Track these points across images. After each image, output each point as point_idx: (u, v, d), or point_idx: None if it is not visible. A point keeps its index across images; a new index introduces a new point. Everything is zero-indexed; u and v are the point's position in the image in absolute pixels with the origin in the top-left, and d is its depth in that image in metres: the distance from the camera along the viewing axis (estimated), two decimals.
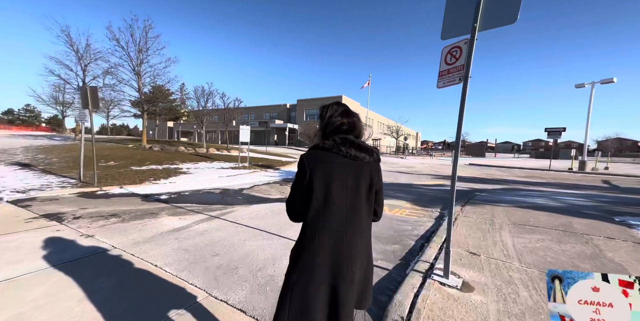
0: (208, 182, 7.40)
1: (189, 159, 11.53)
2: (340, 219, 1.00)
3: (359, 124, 1.11)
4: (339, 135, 1.05)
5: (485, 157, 37.84)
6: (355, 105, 39.56)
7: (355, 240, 1.02)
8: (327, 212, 1.00)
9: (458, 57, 2.04)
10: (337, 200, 1.00)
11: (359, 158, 1.03)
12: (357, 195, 1.03)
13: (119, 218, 3.77)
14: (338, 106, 1.12)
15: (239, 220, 3.96)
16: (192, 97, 18.28)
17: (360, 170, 1.03)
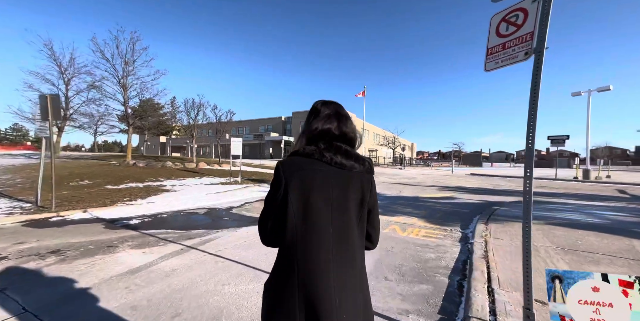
0: (193, 200, 6.56)
1: (176, 175, 10.67)
2: (325, 244, 0.77)
3: (351, 128, 0.91)
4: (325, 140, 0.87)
5: (482, 167, 37.69)
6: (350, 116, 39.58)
7: (346, 276, 0.78)
8: (307, 234, 0.78)
9: (521, 24, 1.43)
10: (319, 218, 0.79)
11: (347, 167, 0.84)
12: (345, 212, 0.81)
13: (61, 256, 2.90)
14: (327, 105, 0.93)
15: (222, 250, 3.15)
16: (182, 110, 17.71)
17: (348, 180, 0.83)
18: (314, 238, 0.78)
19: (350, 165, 0.83)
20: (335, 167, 0.83)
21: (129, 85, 13.32)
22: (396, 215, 5.32)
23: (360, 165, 0.85)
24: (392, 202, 7.04)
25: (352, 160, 0.84)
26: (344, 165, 0.83)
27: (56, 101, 4.61)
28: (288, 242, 0.78)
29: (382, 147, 42.04)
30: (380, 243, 3.53)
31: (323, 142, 0.86)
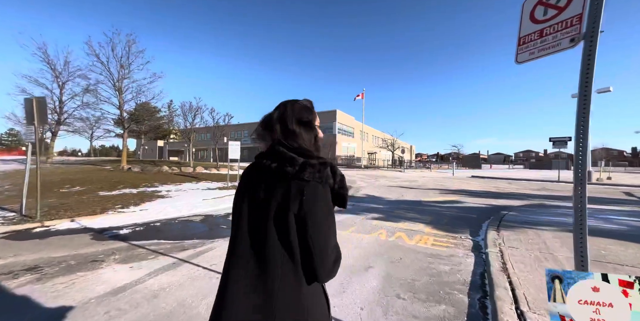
0: (188, 207, 6.29)
1: (172, 180, 10.37)
2: (237, 250, 0.74)
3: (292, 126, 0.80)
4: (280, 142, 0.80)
5: (482, 169, 37.60)
6: (349, 119, 39.55)
7: (251, 292, 0.69)
8: (234, 237, 0.76)
9: (564, 6, 1.21)
10: (239, 222, 0.76)
11: (275, 170, 0.74)
12: (264, 219, 0.71)
13: (37, 274, 2.62)
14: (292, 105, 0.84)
15: (217, 264, 2.89)
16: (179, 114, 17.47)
17: (274, 183, 0.73)
18: (231, 243, 0.75)
19: (281, 168, 0.74)
20: (265, 170, 0.77)
21: (125, 89, 13.09)
22: (401, 221, 5.08)
23: (298, 171, 0.73)
24: (395, 206, 6.80)
25: (287, 164, 0.74)
26: (270, 168, 0.76)
27: (42, 104, 4.37)
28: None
29: (381, 150, 41.91)
30: (388, 252, 3.29)
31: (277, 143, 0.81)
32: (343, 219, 5.29)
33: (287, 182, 0.72)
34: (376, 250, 3.38)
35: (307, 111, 0.86)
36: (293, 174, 0.72)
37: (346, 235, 4.14)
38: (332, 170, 0.76)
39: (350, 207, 6.65)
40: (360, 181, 13.75)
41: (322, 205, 0.71)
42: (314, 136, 0.86)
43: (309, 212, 0.69)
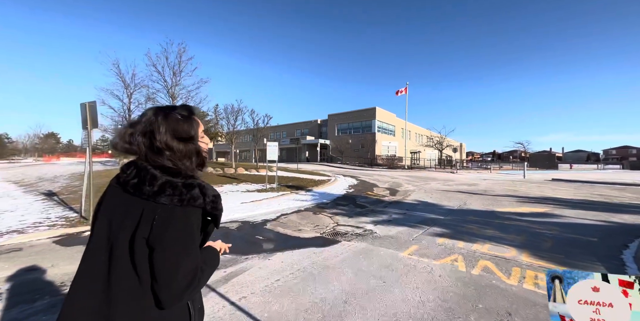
0: (226, 211, 5.96)
1: (215, 181, 10.63)
2: (84, 278, 0.69)
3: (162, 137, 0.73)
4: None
5: (559, 170, 31.25)
6: (390, 116, 37.34)
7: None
8: (85, 252, 0.71)
9: None
10: (94, 235, 0.72)
11: (130, 189, 0.70)
12: (114, 236, 0.68)
13: (59, 297, 2.34)
14: (165, 116, 0.75)
15: (247, 296, 2.29)
16: (223, 117, 18.31)
17: (129, 202, 0.70)
18: (82, 258, 0.71)
19: (136, 185, 0.69)
20: (125, 185, 0.71)
21: (177, 95, 14.08)
22: (478, 241, 3.90)
23: (150, 188, 0.68)
24: (460, 217, 5.50)
25: (143, 181, 0.69)
26: (126, 187, 0.71)
27: (93, 109, 4.49)
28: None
29: (425, 149, 38.55)
30: (481, 298, 2.24)
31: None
32: (395, 234, 4.34)
33: (142, 203, 0.68)
34: (460, 292, 2.38)
35: (186, 123, 0.76)
36: (149, 195, 0.68)
37: (404, 259, 3.21)
38: (201, 190, 0.72)
39: (401, 217, 5.62)
40: (407, 184, 12.33)
41: (175, 229, 0.67)
42: (194, 151, 0.78)
43: (157, 237, 0.66)
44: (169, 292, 0.65)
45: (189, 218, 0.70)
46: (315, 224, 5.07)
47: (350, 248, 3.64)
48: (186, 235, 0.69)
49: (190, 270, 0.68)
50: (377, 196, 8.71)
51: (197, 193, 0.71)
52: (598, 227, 4.69)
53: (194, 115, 0.81)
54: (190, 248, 0.69)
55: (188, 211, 0.69)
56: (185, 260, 0.68)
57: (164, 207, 0.67)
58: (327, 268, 2.93)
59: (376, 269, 2.91)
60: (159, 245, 0.66)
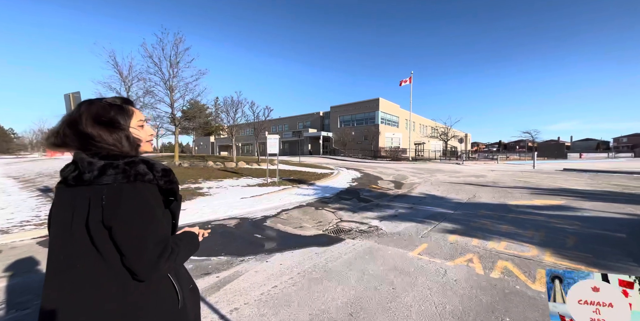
0: (225, 207, 5.82)
1: (215, 176, 10.42)
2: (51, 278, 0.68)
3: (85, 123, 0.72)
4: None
5: (568, 159, 30.39)
6: (394, 107, 36.52)
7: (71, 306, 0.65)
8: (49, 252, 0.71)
9: None
10: (51, 243, 0.71)
11: (74, 182, 0.70)
12: (73, 236, 0.68)
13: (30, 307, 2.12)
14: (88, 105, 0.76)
15: (240, 307, 2.04)
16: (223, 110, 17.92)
17: (75, 194, 0.70)
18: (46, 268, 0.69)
19: (77, 177, 0.69)
20: (69, 181, 0.71)
21: (174, 87, 13.69)
22: (493, 238, 3.60)
23: (90, 174, 0.67)
24: (471, 211, 5.19)
25: (83, 170, 0.68)
26: (68, 182, 0.71)
27: (78, 100, 4.17)
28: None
29: (430, 140, 37.88)
30: (507, 309, 1.92)
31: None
32: (402, 230, 4.06)
33: (87, 190, 0.68)
34: (481, 301, 2.09)
35: (107, 109, 0.76)
36: (91, 180, 0.68)
37: (414, 259, 2.93)
38: (148, 166, 0.72)
39: (407, 212, 5.33)
40: (413, 176, 12.00)
41: (129, 204, 0.67)
42: (124, 136, 0.77)
43: (111, 215, 0.66)
44: (142, 262, 0.65)
45: (141, 193, 0.69)
46: (318, 220, 4.82)
47: (355, 248, 3.37)
48: (142, 208, 0.68)
49: (159, 239, 0.68)
50: (381, 189, 8.42)
51: (143, 169, 0.70)
52: (623, 221, 4.33)
53: (127, 105, 0.81)
54: (151, 221, 0.68)
55: (138, 186, 0.69)
56: (148, 230, 0.67)
57: (110, 187, 0.67)
58: (330, 271, 2.67)
59: (384, 272, 2.64)
60: (116, 222, 0.65)
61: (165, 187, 0.74)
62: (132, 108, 0.82)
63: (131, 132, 0.79)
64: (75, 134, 0.71)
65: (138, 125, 0.81)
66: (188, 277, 0.88)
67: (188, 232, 0.91)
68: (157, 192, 0.73)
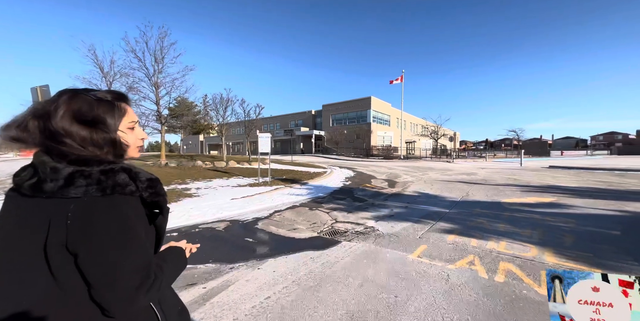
0: (215, 208, 5.54)
1: (204, 176, 10.04)
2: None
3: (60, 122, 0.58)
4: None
5: (551, 157, 31.54)
6: (385, 106, 36.71)
7: None
8: None
9: None
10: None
11: (30, 191, 0.55)
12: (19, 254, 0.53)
13: None
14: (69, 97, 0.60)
15: None
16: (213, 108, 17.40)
17: (30, 207, 0.55)
18: None
19: (35, 184, 0.55)
20: (19, 195, 0.57)
21: (160, 84, 13.13)
22: (492, 238, 3.53)
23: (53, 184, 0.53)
24: (467, 210, 5.15)
25: (44, 177, 0.54)
26: (22, 191, 0.56)
27: (47, 94, 3.80)
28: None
29: (420, 138, 38.37)
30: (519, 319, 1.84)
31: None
32: (399, 231, 3.95)
33: (47, 204, 0.54)
34: (488, 309, 1.97)
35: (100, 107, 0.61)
36: (54, 191, 0.53)
37: (414, 263, 2.80)
38: (130, 175, 0.59)
39: (403, 211, 5.23)
40: (405, 174, 12.00)
41: (102, 224, 0.53)
42: (109, 140, 0.62)
43: (80, 240, 0.52)
44: (115, 295, 0.53)
45: (118, 209, 0.56)
46: (312, 221, 4.64)
47: (352, 251, 3.22)
48: (119, 229, 0.55)
49: (139, 265, 0.56)
50: (375, 188, 8.32)
51: (123, 179, 0.58)
52: (615, 218, 4.37)
53: (121, 102, 0.67)
54: (130, 242, 0.56)
55: (116, 200, 0.56)
56: (125, 256, 0.55)
57: (78, 201, 0.53)
58: (327, 278, 2.49)
59: (384, 278, 2.49)
60: (84, 248, 0.52)
61: (150, 199, 0.63)
62: (125, 106, 0.69)
63: (119, 136, 0.65)
64: (41, 130, 0.56)
65: (128, 128, 0.69)
66: (174, 300, 0.76)
67: (174, 248, 0.79)
68: (139, 204, 0.62)
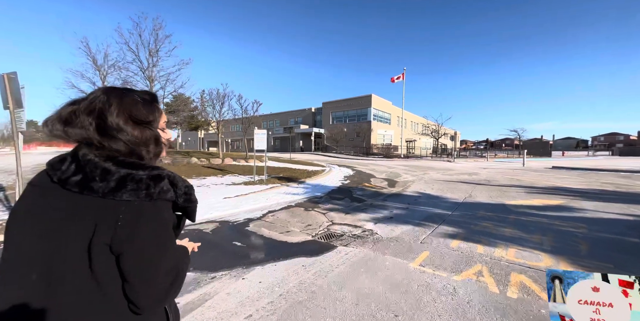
0: (205, 208, 5.26)
1: (198, 173, 9.75)
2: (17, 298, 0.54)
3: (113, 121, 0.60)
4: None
5: (552, 157, 31.23)
6: (386, 104, 36.33)
7: None
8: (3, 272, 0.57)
9: None
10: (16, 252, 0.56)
11: (78, 188, 0.56)
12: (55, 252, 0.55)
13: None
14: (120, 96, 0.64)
15: None
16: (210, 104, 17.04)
17: (74, 205, 0.56)
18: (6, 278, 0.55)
19: (81, 182, 0.56)
20: (56, 184, 0.58)
21: (154, 78, 12.75)
22: (499, 244, 3.26)
23: (105, 185, 0.55)
24: (470, 213, 4.88)
25: (92, 176, 0.56)
26: (70, 184, 0.56)
27: (15, 82, 3.47)
28: None
29: (421, 137, 38.05)
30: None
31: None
32: (400, 235, 3.68)
33: (96, 203, 0.56)
34: None
35: (145, 107, 0.66)
36: (105, 193, 0.56)
37: (416, 273, 2.52)
38: (171, 182, 0.63)
39: (403, 212, 4.97)
40: (405, 174, 11.72)
41: (149, 227, 0.58)
42: (152, 137, 0.67)
43: (126, 239, 0.55)
44: (150, 296, 0.58)
45: (161, 213, 0.61)
46: (307, 223, 4.36)
47: (348, 258, 2.94)
48: (162, 231, 0.61)
49: (172, 268, 0.62)
50: (375, 188, 8.05)
51: (166, 186, 0.62)
52: (630, 224, 4.10)
53: (156, 102, 0.72)
54: (168, 245, 0.62)
55: (159, 205, 0.61)
56: (164, 259, 0.60)
57: (129, 204, 0.57)
58: (318, 291, 2.22)
59: (383, 291, 2.21)
60: (130, 248, 0.56)
61: (183, 205, 0.67)
62: (159, 107, 0.73)
63: (160, 135, 0.70)
64: (95, 125, 0.58)
65: (161, 128, 0.73)
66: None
67: (180, 247, 0.79)
68: (171, 209, 0.65)
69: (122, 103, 0.62)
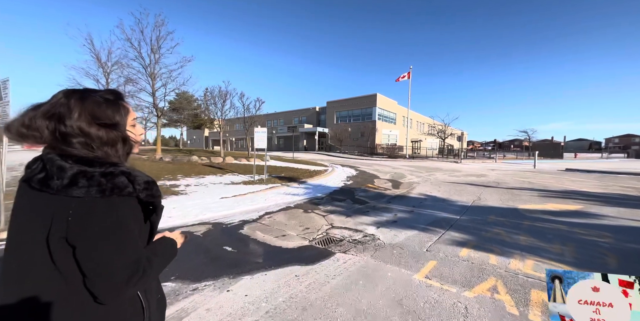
0: (199, 208, 5.05)
1: (197, 171, 9.58)
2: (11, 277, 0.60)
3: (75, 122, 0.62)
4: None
5: (564, 159, 30.22)
6: (391, 104, 35.82)
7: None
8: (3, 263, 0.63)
9: None
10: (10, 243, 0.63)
11: (39, 185, 0.61)
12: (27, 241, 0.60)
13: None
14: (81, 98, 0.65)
15: None
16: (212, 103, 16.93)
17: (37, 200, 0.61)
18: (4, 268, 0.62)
19: (42, 180, 0.60)
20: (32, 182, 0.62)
21: (156, 75, 12.67)
22: (514, 255, 2.94)
23: (59, 182, 0.59)
24: (480, 217, 4.55)
25: (51, 174, 0.60)
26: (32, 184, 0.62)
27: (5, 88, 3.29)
28: None
29: (427, 137, 37.41)
30: None
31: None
32: (404, 241, 3.40)
33: (52, 199, 0.59)
34: None
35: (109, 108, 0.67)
36: (59, 189, 0.59)
37: (422, 287, 2.24)
38: (128, 178, 0.63)
39: (408, 216, 4.66)
40: (410, 175, 11.37)
41: (99, 224, 0.59)
42: (119, 138, 0.68)
43: (77, 234, 0.58)
44: (105, 288, 0.58)
45: (115, 210, 0.61)
46: (305, 226, 4.10)
47: (347, 267, 2.67)
48: (115, 228, 0.60)
49: (132, 263, 0.61)
50: (378, 189, 7.74)
51: (122, 181, 0.62)
52: None
53: (121, 101, 0.72)
54: (123, 242, 0.61)
55: (114, 202, 0.61)
56: (119, 253, 0.60)
57: (80, 201, 0.58)
58: (310, 308, 1.95)
59: (383, 308, 1.94)
60: (81, 242, 0.58)
61: (146, 200, 0.67)
62: (126, 104, 0.73)
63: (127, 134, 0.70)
64: (50, 129, 0.60)
65: (131, 125, 0.73)
66: (157, 287, 0.79)
67: (166, 239, 0.80)
68: (136, 204, 0.65)
69: (83, 106, 0.62)
